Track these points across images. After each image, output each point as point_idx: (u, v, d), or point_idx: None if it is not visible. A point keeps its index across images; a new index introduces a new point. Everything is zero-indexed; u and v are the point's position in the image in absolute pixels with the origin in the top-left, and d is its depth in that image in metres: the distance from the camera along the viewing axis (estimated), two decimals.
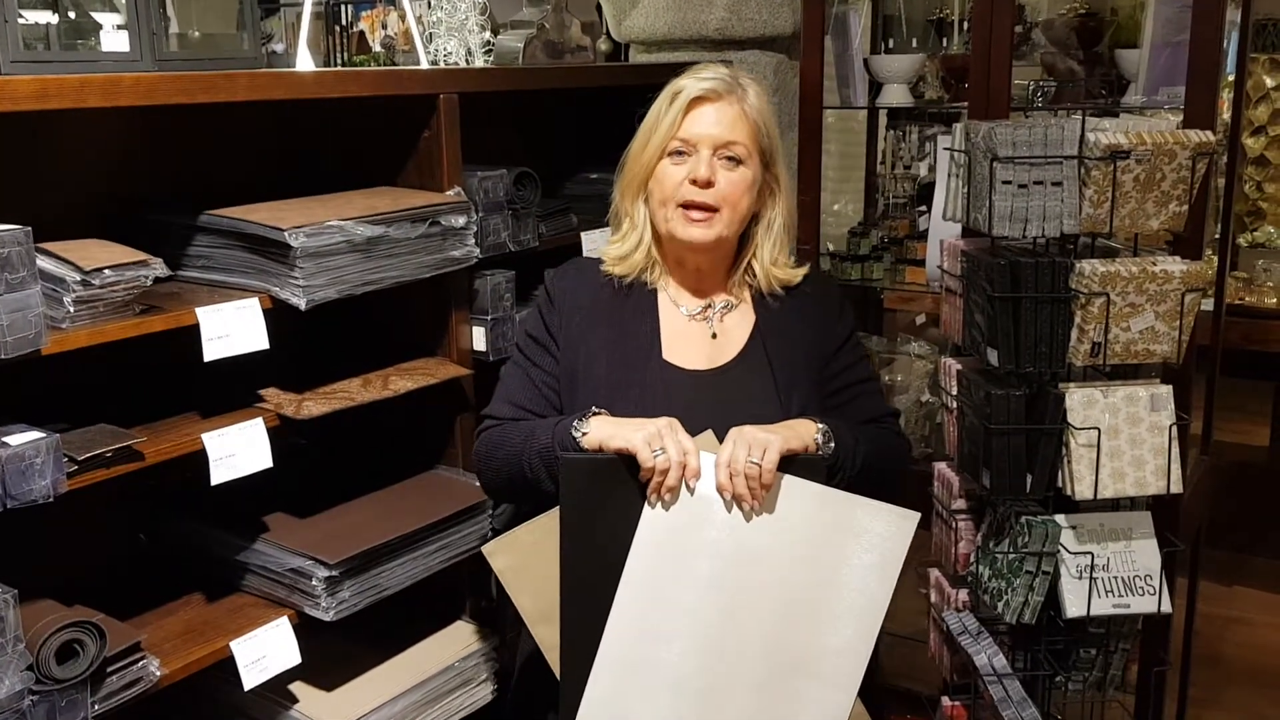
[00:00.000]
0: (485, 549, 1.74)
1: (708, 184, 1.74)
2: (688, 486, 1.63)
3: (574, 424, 1.68)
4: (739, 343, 1.85)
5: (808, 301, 1.89)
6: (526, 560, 1.70)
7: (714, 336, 1.85)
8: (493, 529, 2.09)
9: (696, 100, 1.76)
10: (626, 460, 1.63)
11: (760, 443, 1.62)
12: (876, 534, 1.66)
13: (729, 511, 1.64)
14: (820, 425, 1.72)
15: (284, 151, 2.23)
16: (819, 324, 1.88)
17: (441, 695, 2.04)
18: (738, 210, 1.78)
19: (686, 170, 1.75)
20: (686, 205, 1.75)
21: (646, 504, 1.64)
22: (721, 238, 1.78)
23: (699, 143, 1.75)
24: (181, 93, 1.63)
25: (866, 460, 1.75)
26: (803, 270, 1.89)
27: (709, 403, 1.76)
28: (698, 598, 1.65)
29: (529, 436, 1.74)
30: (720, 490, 1.63)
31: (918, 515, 1.68)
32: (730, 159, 1.76)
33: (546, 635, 1.69)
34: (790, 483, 1.65)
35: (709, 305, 1.86)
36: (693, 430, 1.65)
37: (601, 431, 1.66)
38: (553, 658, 1.69)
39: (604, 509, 1.65)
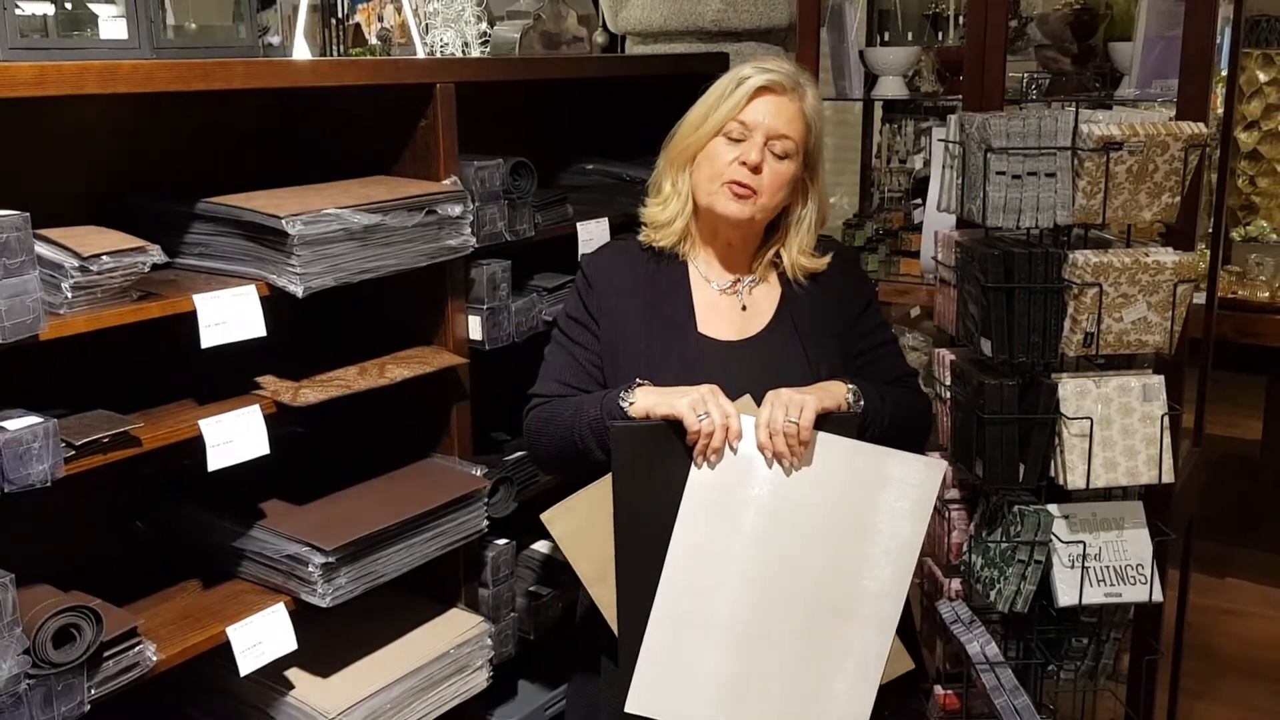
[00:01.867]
0: (544, 517, 1.81)
1: (756, 169, 1.83)
2: (731, 447, 1.73)
3: (621, 395, 1.78)
4: (767, 314, 1.95)
5: (829, 271, 1.98)
6: (582, 525, 1.80)
7: (744, 309, 1.95)
8: (489, 517, 2.10)
9: (762, 89, 1.85)
10: (673, 426, 1.73)
11: (796, 403, 1.72)
12: (907, 483, 1.76)
13: (770, 468, 1.74)
14: (850, 385, 1.83)
15: (280, 142, 2.23)
16: (841, 292, 1.98)
17: (437, 682, 2.05)
18: (774, 199, 1.87)
19: (739, 152, 1.84)
20: (732, 183, 1.84)
21: (693, 465, 1.74)
22: (754, 219, 1.87)
23: (755, 129, 1.84)
24: (178, 80, 1.63)
25: (894, 416, 1.86)
26: (826, 260, 1.97)
27: (744, 371, 1.86)
28: (744, 550, 1.75)
29: (578, 410, 1.83)
30: (761, 449, 1.74)
31: (944, 464, 1.79)
32: (778, 153, 1.85)
33: (603, 594, 1.79)
34: (826, 439, 1.75)
35: (738, 280, 1.96)
36: (730, 397, 1.75)
37: (647, 400, 1.76)
38: (610, 615, 1.78)
39: (653, 472, 1.75)
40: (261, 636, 1.79)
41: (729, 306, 1.94)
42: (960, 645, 1.97)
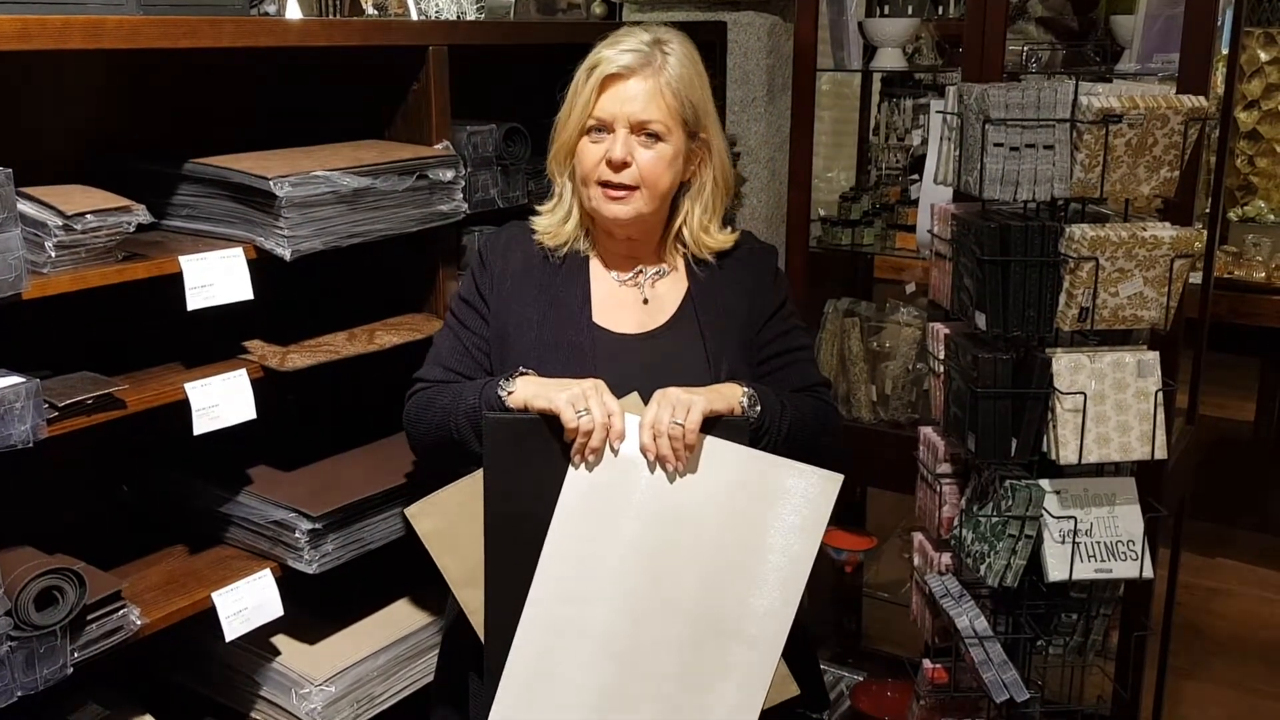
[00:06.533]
0: (409, 511, 1.68)
1: (623, 165, 1.70)
2: (612, 448, 1.62)
3: (500, 383, 1.67)
4: (670, 308, 1.83)
5: (741, 268, 1.87)
6: (451, 522, 1.67)
7: (645, 302, 1.83)
8: None
9: (611, 78, 1.70)
10: (551, 421, 1.61)
11: (684, 404, 1.60)
12: (800, 496, 1.65)
13: (652, 473, 1.63)
14: (746, 389, 1.70)
15: (270, 104, 2.20)
16: (751, 291, 1.86)
17: (424, 650, 2.05)
18: (658, 187, 1.73)
19: (603, 150, 1.71)
20: (604, 184, 1.72)
21: (570, 465, 1.62)
22: (643, 214, 1.74)
23: (615, 121, 1.70)
24: (164, 37, 1.60)
25: (793, 426, 1.73)
26: (733, 236, 1.86)
27: (638, 367, 1.74)
28: (622, 559, 1.64)
29: (457, 397, 1.72)
30: (644, 451, 1.62)
31: (840, 477, 1.66)
32: (649, 135, 1.71)
33: (471, 598, 1.67)
34: (714, 444, 1.63)
35: (640, 271, 1.84)
36: (622, 394, 1.64)
37: (526, 391, 1.64)
38: (477, 621, 1.67)
39: (528, 469, 1.63)
40: (247, 602, 1.78)
41: (630, 298, 1.82)
42: (949, 619, 1.96)
